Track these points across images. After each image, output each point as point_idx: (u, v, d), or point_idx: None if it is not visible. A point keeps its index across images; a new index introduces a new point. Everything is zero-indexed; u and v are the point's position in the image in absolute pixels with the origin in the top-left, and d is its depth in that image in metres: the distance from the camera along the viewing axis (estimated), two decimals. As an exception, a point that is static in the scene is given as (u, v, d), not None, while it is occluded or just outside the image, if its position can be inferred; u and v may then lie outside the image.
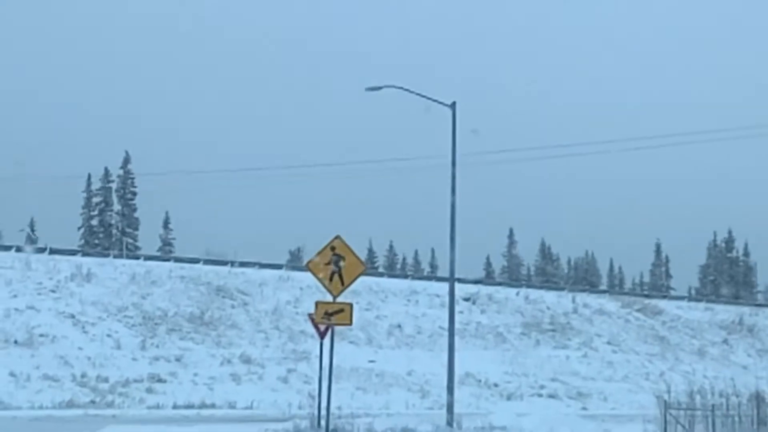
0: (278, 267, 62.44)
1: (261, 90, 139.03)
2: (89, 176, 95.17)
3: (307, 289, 55.00)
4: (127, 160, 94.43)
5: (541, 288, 72.70)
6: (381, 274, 69.74)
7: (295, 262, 74.27)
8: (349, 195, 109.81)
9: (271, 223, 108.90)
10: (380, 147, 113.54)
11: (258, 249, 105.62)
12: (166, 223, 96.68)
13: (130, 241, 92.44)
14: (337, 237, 23.76)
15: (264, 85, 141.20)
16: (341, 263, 23.42)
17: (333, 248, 23.60)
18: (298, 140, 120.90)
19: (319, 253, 23.80)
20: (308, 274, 57.01)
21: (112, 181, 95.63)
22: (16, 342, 40.44)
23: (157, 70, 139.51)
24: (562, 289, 74.39)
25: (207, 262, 60.97)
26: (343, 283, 23.54)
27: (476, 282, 69.09)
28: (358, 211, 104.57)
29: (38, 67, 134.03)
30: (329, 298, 23.97)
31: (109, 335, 43.72)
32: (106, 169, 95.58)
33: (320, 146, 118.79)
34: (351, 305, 23.78)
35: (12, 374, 36.45)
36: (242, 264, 60.81)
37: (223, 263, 60.33)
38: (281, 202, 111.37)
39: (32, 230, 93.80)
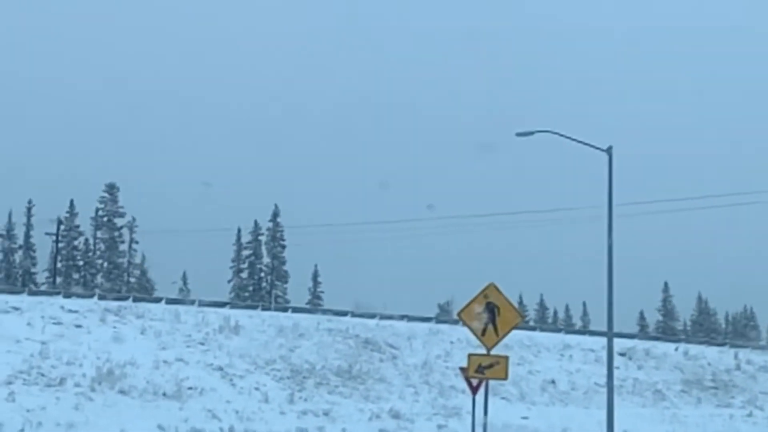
0: (427, 320, 61.41)
1: (405, 140, 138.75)
2: (239, 229, 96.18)
3: (458, 343, 53.80)
4: (276, 213, 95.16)
5: (700, 343, 69.84)
6: (533, 328, 67.90)
7: (444, 316, 73.05)
8: (499, 246, 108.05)
9: (419, 276, 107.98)
10: (530, 196, 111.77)
11: (406, 302, 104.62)
12: (314, 276, 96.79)
13: (279, 294, 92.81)
14: (491, 284, 22.43)
15: (408, 134, 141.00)
16: (495, 313, 22.09)
17: (486, 296, 22.28)
18: (448, 191, 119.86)
19: (472, 301, 22.48)
20: (459, 328, 56.15)
21: (262, 234, 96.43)
22: (164, 394, 40.12)
23: (304, 125, 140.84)
24: (724, 344, 71.39)
25: (355, 314, 60.25)
26: (497, 335, 22.20)
27: (632, 336, 66.93)
28: (508, 263, 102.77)
29: (189, 123, 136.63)
30: (481, 351, 22.67)
31: (257, 388, 43.14)
32: (255, 222, 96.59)
33: (468, 197, 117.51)
34: (507, 358, 22.42)
35: (160, 427, 36.04)
36: (390, 317, 59.93)
37: (371, 316, 59.53)
38: (430, 254, 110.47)
39: (184, 283, 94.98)
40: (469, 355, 22.99)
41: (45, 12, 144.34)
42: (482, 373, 22.39)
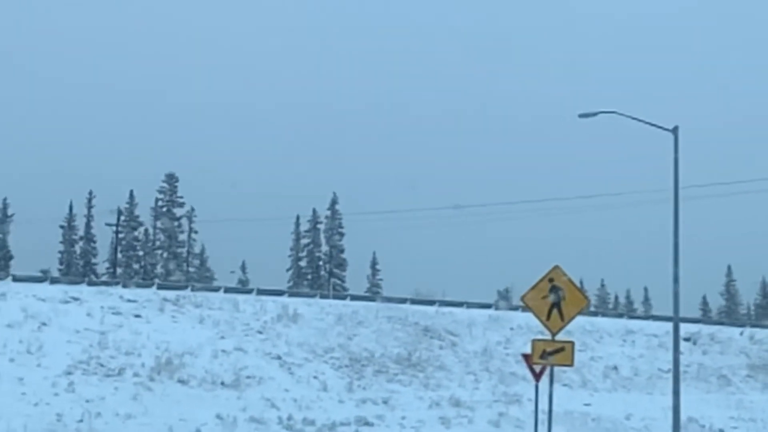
0: (487, 306, 60.82)
1: (463, 126, 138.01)
2: (297, 218, 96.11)
3: (518, 330, 53.19)
4: (334, 201, 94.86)
5: (766, 327, 68.55)
6: (594, 314, 67.05)
7: (503, 302, 72.38)
8: (559, 231, 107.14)
9: (479, 262, 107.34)
10: (591, 180, 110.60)
11: (466, 288, 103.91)
12: (373, 264, 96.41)
13: (338, 281, 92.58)
14: (556, 267, 21.72)
15: (466, 121, 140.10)
16: (561, 296, 21.38)
17: (551, 280, 21.56)
18: (505, 176, 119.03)
19: (535, 285, 21.78)
20: (519, 314, 55.54)
21: (320, 223, 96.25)
22: (223, 384, 39.89)
23: (361, 109, 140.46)
24: (790, 328, 70.07)
25: (414, 302, 59.82)
26: (563, 319, 21.49)
27: (696, 321, 65.88)
28: (568, 247, 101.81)
29: (248, 116, 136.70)
30: (542, 337, 22.02)
31: (315, 377, 42.79)
32: (314, 210, 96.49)
33: (528, 181, 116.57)
34: (572, 344, 21.71)
35: (219, 416, 35.75)
36: (450, 303, 59.41)
37: (431, 303, 59.06)
38: (489, 240, 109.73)
39: (243, 272, 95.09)
40: (533, 341, 22.34)
41: (125, 11, 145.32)
42: (547, 359, 21.76)
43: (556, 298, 21.34)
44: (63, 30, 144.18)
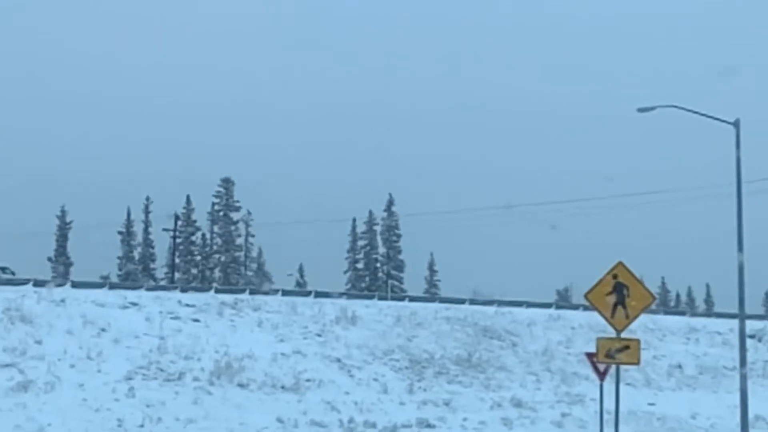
0: (547, 306, 60.23)
1: (519, 122, 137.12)
2: (354, 220, 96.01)
3: (579, 329, 52.59)
4: (390, 203, 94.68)
5: (833, 323, 67.26)
6: (655, 311, 66.19)
7: (563, 302, 71.76)
8: (617, 228, 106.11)
9: (537, 262, 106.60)
10: (648, 175, 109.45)
11: (525, 288, 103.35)
12: (431, 265, 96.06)
13: (396, 283, 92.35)
14: (620, 263, 21.25)
15: (521, 118, 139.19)
16: (625, 293, 20.91)
17: (615, 276, 21.09)
18: (560, 175, 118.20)
19: (599, 282, 21.32)
20: (579, 313, 54.87)
21: (377, 224, 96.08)
22: (283, 387, 39.77)
23: (416, 109, 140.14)
24: None
25: (473, 302, 59.41)
26: (627, 317, 21.02)
27: (761, 318, 64.83)
28: (627, 245, 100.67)
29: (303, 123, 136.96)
30: (605, 335, 21.56)
31: (375, 379, 42.52)
32: (370, 212, 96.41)
33: (584, 178, 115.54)
34: (638, 341, 21.24)
35: (279, 420, 35.66)
36: (509, 303, 58.89)
37: (490, 303, 58.61)
38: (548, 239, 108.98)
39: (300, 275, 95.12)
40: (598, 339, 21.85)
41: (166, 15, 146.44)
42: (612, 357, 21.29)
43: (620, 295, 20.89)
44: (122, 46, 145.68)
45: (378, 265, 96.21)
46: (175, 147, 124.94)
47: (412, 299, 61.39)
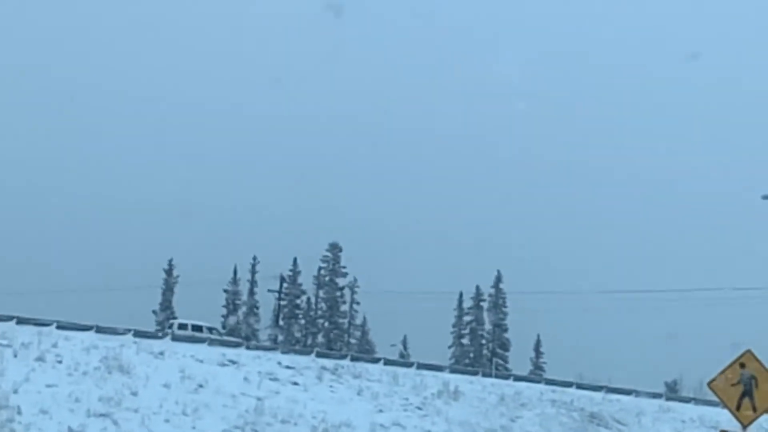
0: (657, 396, 58.13)
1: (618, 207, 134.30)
2: (461, 294, 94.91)
3: (690, 423, 50.57)
4: (498, 279, 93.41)
5: None
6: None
7: (671, 394, 69.32)
8: (733, 321, 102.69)
9: (647, 349, 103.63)
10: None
11: (633, 376, 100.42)
12: (537, 346, 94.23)
13: (500, 362, 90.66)
14: (748, 351, 19.78)
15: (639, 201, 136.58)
16: (753, 384, 19.41)
17: (742, 365, 19.62)
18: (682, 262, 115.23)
19: (724, 370, 19.85)
20: (691, 406, 52.66)
21: (484, 300, 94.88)
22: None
23: (526, 188, 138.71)
24: None
25: (580, 386, 57.59)
26: (755, 410, 19.50)
27: None
28: (741, 333, 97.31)
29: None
30: (726, 427, 20.06)
31: (475, 458, 41.20)
32: (477, 287, 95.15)
33: (703, 268, 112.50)
34: (765, 437, 19.65)
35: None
36: (617, 391, 56.94)
37: (597, 389, 56.76)
38: (659, 326, 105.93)
39: (404, 347, 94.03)
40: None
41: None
42: (738, 453, 19.78)
43: (747, 387, 19.45)
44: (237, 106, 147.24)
45: (483, 342, 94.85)
46: (284, 208, 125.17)
47: (517, 378, 59.78)
